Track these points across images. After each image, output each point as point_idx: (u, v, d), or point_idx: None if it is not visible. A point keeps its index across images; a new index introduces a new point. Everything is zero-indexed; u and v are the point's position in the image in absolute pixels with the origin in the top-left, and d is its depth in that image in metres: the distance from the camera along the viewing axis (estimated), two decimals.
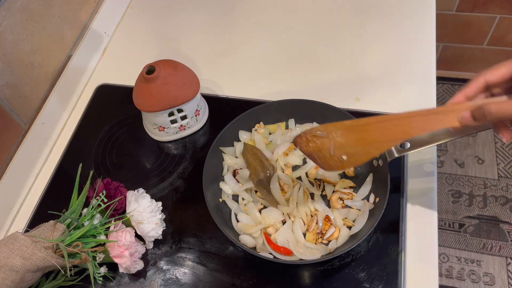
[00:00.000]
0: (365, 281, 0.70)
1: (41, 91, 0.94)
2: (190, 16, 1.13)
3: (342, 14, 1.08)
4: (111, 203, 0.74)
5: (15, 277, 0.64)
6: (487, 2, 1.64)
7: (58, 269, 0.69)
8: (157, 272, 0.75)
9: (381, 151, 0.64)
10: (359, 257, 0.72)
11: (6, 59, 0.82)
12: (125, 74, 1.01)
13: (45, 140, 0.94)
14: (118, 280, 0.75)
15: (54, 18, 0.95)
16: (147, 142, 0.91)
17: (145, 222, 0.73)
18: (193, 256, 0.76)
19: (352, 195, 0.77)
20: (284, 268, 0.73)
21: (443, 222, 1.66)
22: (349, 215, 0.75)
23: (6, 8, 0.81)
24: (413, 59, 0.97)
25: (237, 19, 1.11)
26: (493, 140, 1.83)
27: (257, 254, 0.70)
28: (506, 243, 1.59)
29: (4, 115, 0.84)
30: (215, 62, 1.03)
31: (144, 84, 0.81)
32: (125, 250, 0.70)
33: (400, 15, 1.05)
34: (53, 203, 0.83)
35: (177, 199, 0.83)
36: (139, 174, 0.87)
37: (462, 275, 1.54)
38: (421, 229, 0.74)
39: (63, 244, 0.67)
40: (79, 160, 0.87)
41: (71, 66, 1.01)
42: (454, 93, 1.97)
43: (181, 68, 0.84)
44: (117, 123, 0.94)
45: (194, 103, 0.87)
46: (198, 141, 0.91)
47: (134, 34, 1.13)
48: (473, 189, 1.72)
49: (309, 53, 1.02)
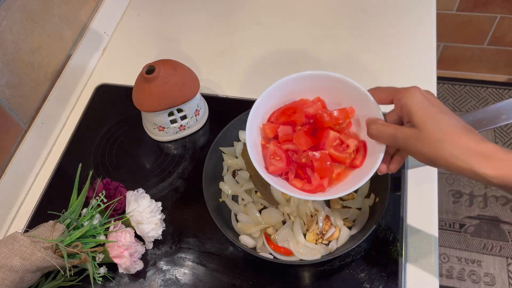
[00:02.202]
0: (365, 281, 0.70)
1: (40, 91, 0.94)
2: (190, 16, 1.13)
3: (342, 14, 1.08)
4: (110, 203, 0.74)
5: (15, 277, 0.64)
6: (487, 2, 1.64)
7: (57, 269, 0.69)
8: (157, 272, 0.75)
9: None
10: (359, 257, 0.72)
11: (5, 59, 0.82)
12: (125, 74, 1.01)
13: (44, 140, 0.94)
14: (117, 281, 0.75)
15: (54, 18, 0.95)
16: (147, 142, 0.91)
17: (145, 222, 0.73)
18: (193, 256, 0.76)
19: (353, 195, 0.77)
20: (284, 268, 0.73)
21: (443, 222, 1.66)
22: (349, 215, 0.75)
23: (5, 8, 0.81)
24: (413, 59, 0.97)
25: (237, 19, 1.11)
26: (493, 140, 1.83)
27: (257, 254, 0.70)
28: (507, 243, 1.59)
29: (4, 115, 0.84)
30: (215, 62, 1.03)
31: (144, 84, 0.81)
32: (124, 251, 0.70)
33: (400, 15, 1.05)
34: (53, 203, 0.83)
35: (177, 199, 0.83)
36: (139, 174, 0.87)
37: (462, 275, 1.54)
38: (421, 229, 0.74)
39: (62, 244, 0.67)
40: (79, 160, 0.87)
41: (71, 66, 1.01)
42: (454, 93, 1.98)
43: (181, 68, 0.84)
44: (117, 123, 0.94)
45: (194, 103, 0.87)
46: (198, 141, 0.91)
47: (134, 34, 1.12)
48: (473, 189, 1.72)
49: (309, 53, 1.01)
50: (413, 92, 0.52)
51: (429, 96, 0.53)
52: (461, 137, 0.48)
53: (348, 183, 0.62)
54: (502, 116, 0.63)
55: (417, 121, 0.51)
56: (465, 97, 1.96)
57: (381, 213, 0.68)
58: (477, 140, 0.48)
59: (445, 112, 0.51)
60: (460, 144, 0.48)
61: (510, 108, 0.64)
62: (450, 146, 0.48)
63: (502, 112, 0.64)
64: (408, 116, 0.52)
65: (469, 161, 0.47)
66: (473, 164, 0.47)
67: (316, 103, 0.66)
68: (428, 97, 0.52)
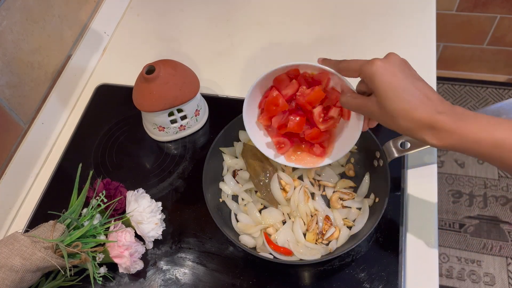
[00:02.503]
0: (365, 281, 0.70)
1: (41, 91, 0.94)
2: (190, 16, 1.13)
3: (342, 14, 1.08)
4: (111, 203, 0.74)
5: (15, 277, 0.64)
6: (487, 2, 1.64)
7: (58, 269, 0.69)
8: (157, 272, 0.75)
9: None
10: (359, 257, 0.72)
11: (5, 59, 0.82)
12: (125, 74, 1.01)
13: (45, 140, 0.94)
14: (118, 280, 0.75)
15: (54, 18, 0.95)
16: (147, 142, 0.91)
17: (145, 222, 0.73)
18: (193, 256, 0.76)
19: (353, 195, 0.77)
20: (284, 268, 0.73)
21: (443, 222, 1.66)
22: (349, 215, 0.75)
23: (5, 8, 0.81)
24: (413, 59, 0.96)
25: (237, 19, 1.11)
26: None
27: (257, 254, 0.70)
28: (507, 243, 1.59)
29: (4, 115, 0.84)
30: (215, 62, 1.03)
31: (144, 84, 0.81)
32: (125, 250, 0.70)
33: (400, 15, 1.05)
34: (53, 203, 0.83)
35: (177, 199, 0.83)
36: (139, 174, 0.87)
37: (462, 275, 1.54)
38: (421, 229, 0.74)
39: (63, 244, 0.67)
40: (79, 160, 0.87)
41: (71, 66, 1.01)
42: (454, 93, 1.98)
43: (181, 68, 0.84)
44: (117, 123, 0.94)
45: (194, 103, 0.87)
46: (198, 141, 0.91)
47: (134, 34, 1.12)
48: (473, 189, 1.72)
49: (309, 53, 1.01)
50: (374, 64, 0.56)
51: (391, 65, 0.55)
52: (414, 112, 0.53)
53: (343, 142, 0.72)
54: (502, 116, 0.63)
55: (378, 95, 0.56)
56: (465, 97, 1.96)
57: (381, 213, 0.68)
58: (431, 111, 0.52)
59: (406, 81, 0.54)
60: (413, 118, 0.53)
61: (510, 108, 0.64)
62: (404, 121, 0.54)
63: (502, 112, 0.64)
64: (372, 89, 0.57)
65: (420, 134, 0.53)
66: (423, 136, 0.53)
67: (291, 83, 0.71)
68: (389, 67, 0.55)
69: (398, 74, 0.55)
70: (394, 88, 0.54)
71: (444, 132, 0.51)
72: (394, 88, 0.54)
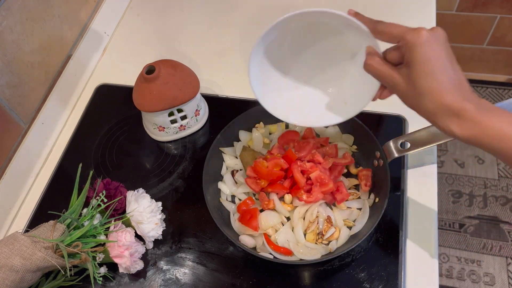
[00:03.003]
0: (365, 281, 0.70)
1: (41, 91, 0.94)
2: (190, 16, 1.13)
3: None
4: (111, 203, 0.74)
5: (15, 277, 0.64)
6: (487, 2, 1.64)
7: (58, 269, 0.69)
8: (157, 272, 0.75)
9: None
10: (359, 257, 0.72)
11: (6, 59, 0.82)
12: (125, 74, 1.01)
13: (45, 140, 0.94)
14: (118, 280, 0.75)
15: (54, 18, 0.95)
16: (147, 142, 0.91)
17: (145, 222, 0.73)
18: (193, 256, 0.76)
19: (357, 194, 0.77)
20: (284, 268, 0.73)
21: (443, 222, 1.66)
22: (350, 215, 0.75)
23: (5, 8, 0.81)
24: None
25: (237, 19, 1.11)
26: None
27: (257, 254, 0.70)
28: (506, 243, 1.59)
29: (4, 115, 0.84)
30: (215, 62, 1.03)
31: (144, 84, 0.81)
32: (125, 250, 0.70)
33: (400, 15, 1.04)
34: (53, 203, 0.83)
35: (177, 199, 0.83)
36: (139, 174, 0.87)
37: (462, 275, 1.54)
38: (421, 229, 0.74)
39: (63, 244, 0.67)
40: (79, 160, 0.87)
41: (71, 66, 1.01)
42: None
43: (181, 68, 0.84)
44: (117, 123, 0.94)
45: (194, 103, 0.87)
46: (198, 141, 0.91)
47: (134, 34, 1.12)
48: (473, 189, 1.72)
49: None
50: (421, 35, 0.50)
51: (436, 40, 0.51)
52: (445, 95, 0.49)
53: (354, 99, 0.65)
54: None
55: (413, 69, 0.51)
56: None
57: (381, 213, 0.68)
58: (460, 98, 0.49)
59: (447, 62, 0.50)
60: (441, 101, 0.50)
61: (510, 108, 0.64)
62: (431, 102, 0.50)
63: None
64: (408, 60, 0.52)
65: (443, 119, 0.50)
66: (447, 122, 0.50)
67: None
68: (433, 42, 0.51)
69: (441, 52, 0.51)
70: (433, 66, 0.50)
71: (468, 121, 0.49)
72: (433, 66, 0.50)
